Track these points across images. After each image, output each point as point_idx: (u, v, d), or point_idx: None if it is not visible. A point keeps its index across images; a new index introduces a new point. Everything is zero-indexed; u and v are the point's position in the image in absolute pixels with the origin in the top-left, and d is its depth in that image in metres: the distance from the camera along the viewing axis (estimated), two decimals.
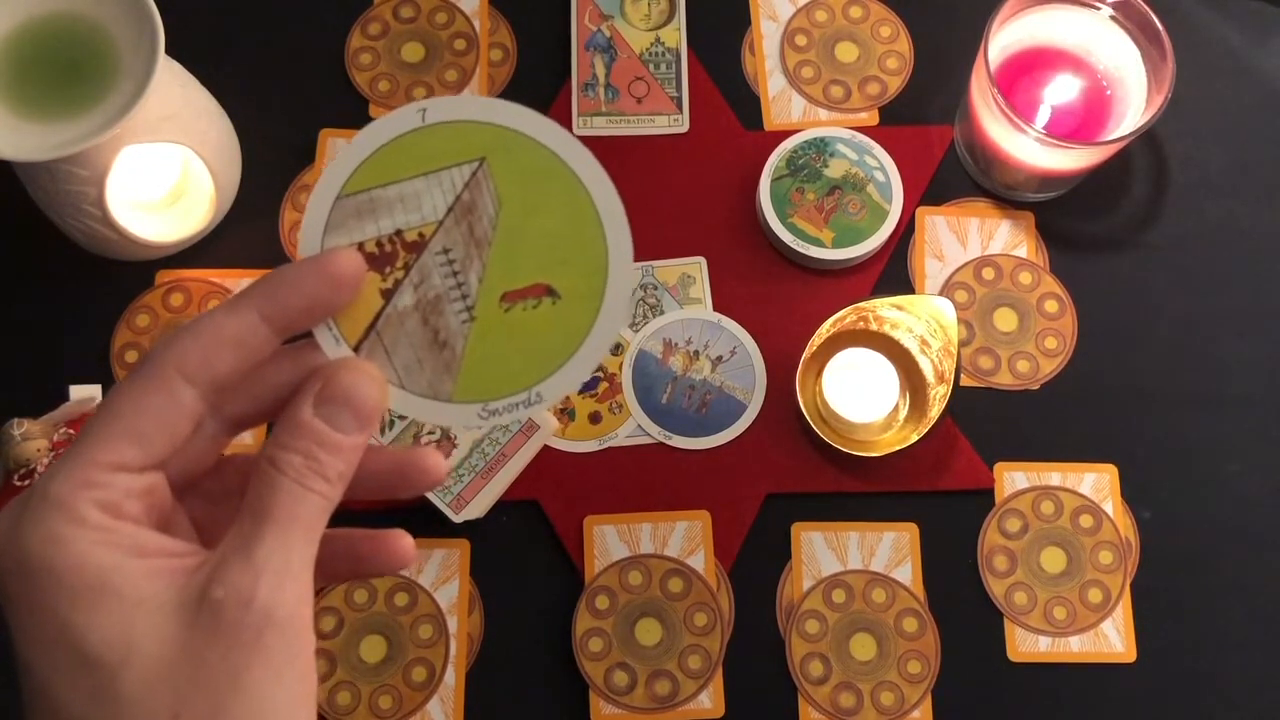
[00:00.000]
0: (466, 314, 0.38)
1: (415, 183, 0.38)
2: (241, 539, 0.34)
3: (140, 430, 0.34)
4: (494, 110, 0.38)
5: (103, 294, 0.72)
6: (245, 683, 0.32)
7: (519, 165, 0.38)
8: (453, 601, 0.67)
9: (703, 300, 0.72)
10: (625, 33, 0.77)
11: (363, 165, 0.38)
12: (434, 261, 0.38)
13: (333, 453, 0.35)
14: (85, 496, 0.33)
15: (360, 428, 0.36)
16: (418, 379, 0.38)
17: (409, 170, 0.38)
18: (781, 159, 0.73)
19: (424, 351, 0.38)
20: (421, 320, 0.38)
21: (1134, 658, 0.67)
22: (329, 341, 0.38)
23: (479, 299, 0.38)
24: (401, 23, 0.77)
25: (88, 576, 0.33)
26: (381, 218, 0.38)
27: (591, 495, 0.69)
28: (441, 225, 0.38)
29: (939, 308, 0.68)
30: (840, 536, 0.69)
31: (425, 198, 0.38)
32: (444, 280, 0.38)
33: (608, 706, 0.65)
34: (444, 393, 0.38)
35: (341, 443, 0.35)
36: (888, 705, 0.66)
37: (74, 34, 0.63)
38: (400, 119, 0.38)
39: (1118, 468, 0.70)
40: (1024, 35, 0.71)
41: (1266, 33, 0.79)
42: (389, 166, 0.38)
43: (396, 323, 0.38)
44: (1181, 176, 0.76)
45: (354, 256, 0.37)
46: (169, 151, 0.69)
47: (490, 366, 0.38)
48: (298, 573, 0.34)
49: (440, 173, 0.38)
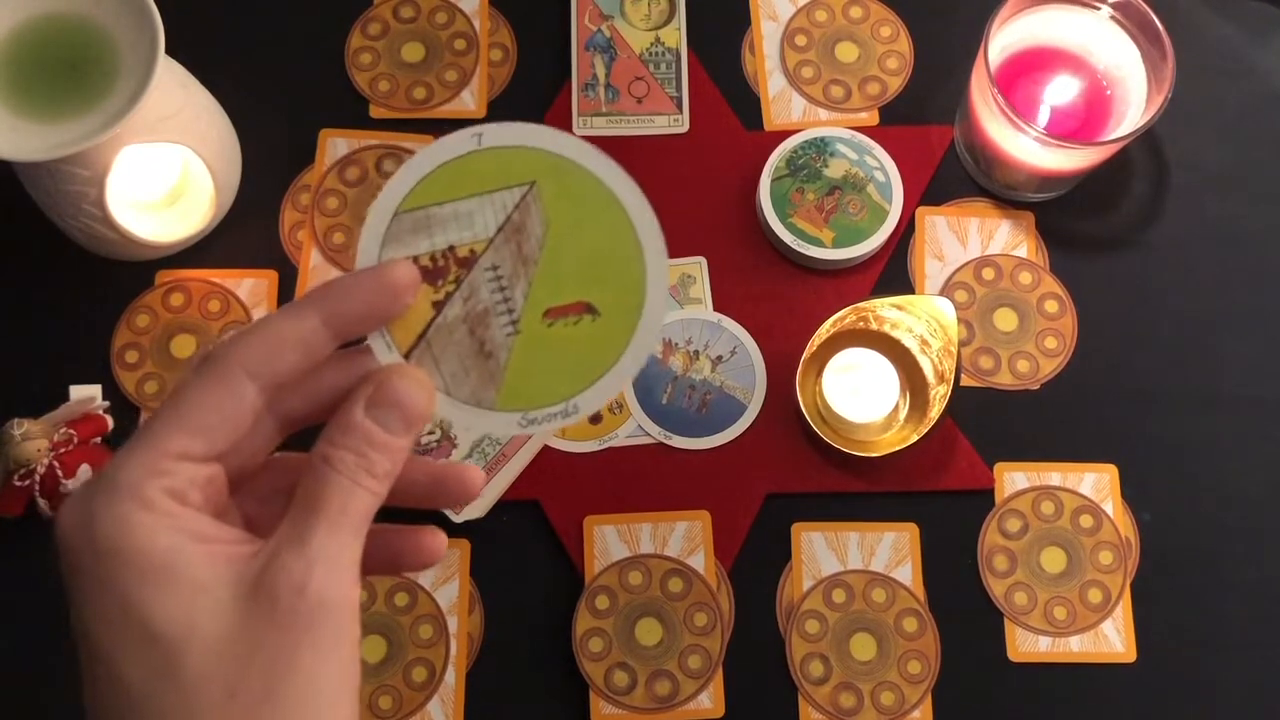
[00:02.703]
0: (511, 327, 0.40)
1: (469, 202, 0.40)
2: (295, 530, 0.36)
3: (206, 423, 0.36)
4: (544, 137, 0.41)
5: (103, 294, 0.72)
6: (297, 665, 0.34)
7: (566, 189, 0.40)
8: (453, 601, 0.67)
9: (703, 300, 0.72)
10: (625, 33, 0.77)
11: (420, 183, 0.40)
12: (483, 277, 0.40)
13: (382, 452, 0.37)
14: (154, 483, 0.35)
15: (408, 429, 0.38)
16: (463, 387, 0.40)
17: (463, 190, 0.40)
18: (781, 159, 0.73)
19: (470, 361, 0.40)
20: (469, 331, 0.40)
21: (1134, 658, 0.67)
22: (382, 348, 0.40)
23: (524, 314, 0.40)
24: (401, 23, 0.77)
25: (155, 558, 0.34)
26: (436, 234, 0.40)
27: (591, 495, 0.69)
28: (492, 243, 0.40)
29: (939, 308, 0.68)
30: (840, 536, 0.69)
31: (477, 217, 0.40)
32: (491, 295, 0.40)
33: (608, 706, 0.65)
34: (487, 401, 0.40)
35: (390, 443, 0.37)
36: (888, 705, 0.66)
37: (74, 34, 0.63)
38: (457, 142, 0.40)
39: (1118, 468, 0.70)
40: (1024, 35, 0.71)
41: (1266, 33, 0.79)
42: (445, 186, 0.40)
43: (445, 333, 0.40)
44: (1181, 176, 0.76)
45: (410, 268, 0.39)
46: (169, 151, 0.69)
47: (531, 378, 0.40)
48: (348, 563, 0.36)
49: (492, 194, 0.40)
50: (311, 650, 0.35)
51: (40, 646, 0.66)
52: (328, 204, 0.74)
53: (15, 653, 0.67)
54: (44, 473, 0.65)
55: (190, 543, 0.35)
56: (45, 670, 0.64)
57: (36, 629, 0.66)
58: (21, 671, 0.66)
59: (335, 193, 0.74)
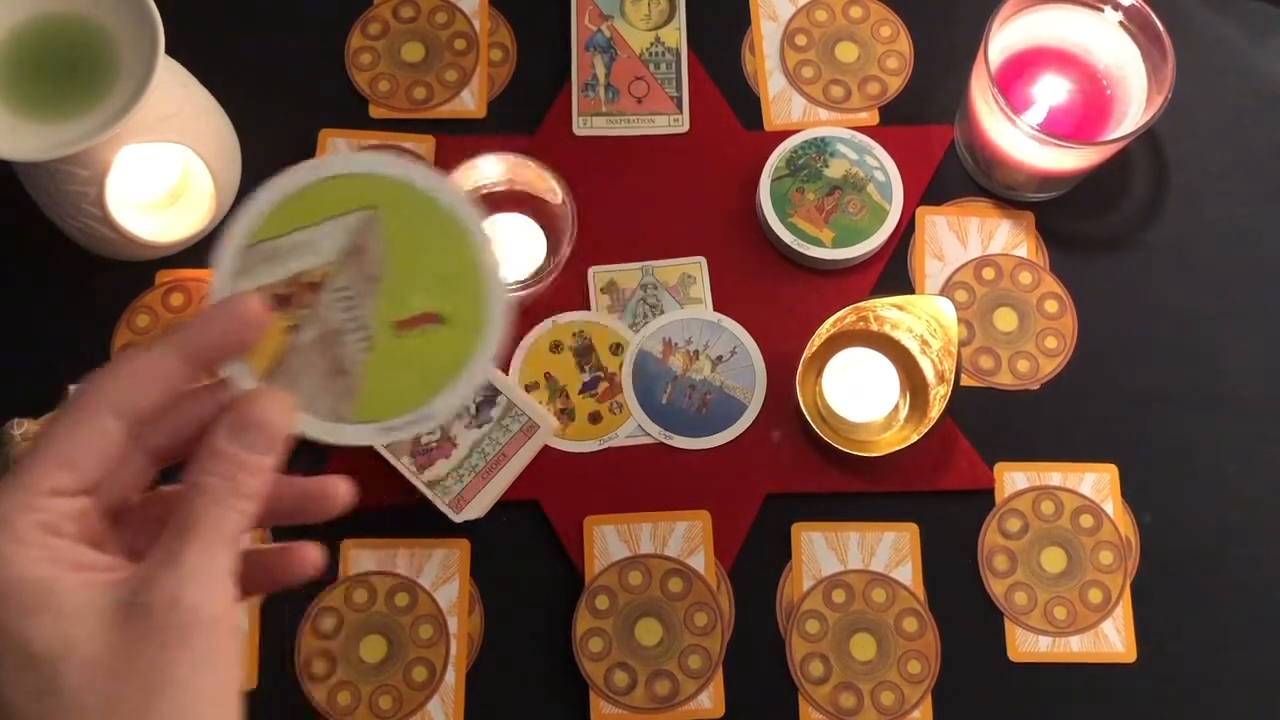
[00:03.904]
0: (365, 344, 0.43)
1: (312, 230, 0.43)
2: (168, 551, 0.38)
3: (73, 458, 0.39)
4: (381, 163, 0.44)
5: (103, 294, 0.72)
6: (173, 677, 0.36)
7: (405, 211, 0.43)
8: (453, 601, 0.67)
9: (703, 300, 0.72)
10: (625, 33, 0.77)
11: (267, 216, 0.43)
12: (332, 299, 0.43)
13: (247, 473, 0.39)
14: (26, 519, 0.38)
15: (270, 448, 0.40)
16: (321, 404, 0.42)
17: (307, 220, 0.43)
18: (781, 159, 0.73)
19: (325, 380, 0.42)
20: (322, 352, 0.43)
21: (1134, 658, 0.67)
22: (241, 376, 0.42)
23: (375, 330, 0.43)
24: (401, 23, 0.77)
25: (30, 587, 0.37)
26: (283, 263, 0.43)
27: (591, 495, 0.69)
28: (337, 266, 0.43)
29: (939, 308, 0.68)
30: (840, 536, 0.69)
31: (322, 243, 0.43)
32: (341, 315, 0.43)
33: (608, 706, 0.65)
34: (346, 415, 0.42)
35: (255, 463, 0.40)
36: (888, 705, 0.66)
37: (74, 34, 0.63)
38: (297, 174, 0.43)
39: (1118, 468, 0.70)
40: (1024, 35, 0.71)
41: (1266, 33, 0.79)
42: (289, 217, 0.43)
43: (300, 356, 0.42)
44: (1181, 176, 0.76)
45: (258, 299, 0.41)
46: (169, 151, 0.69)
47: (388, 389, 0.43)
48: (220, 579, 0.38)
49: (334, 220, 0.43)
50: (189, 663, 0.37)
51: None
52: None
53: None
54: None
55: (66, 571, 0.37)
56: None
57: None
58: None
59: None
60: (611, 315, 0.72)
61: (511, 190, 0.72)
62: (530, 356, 0.71)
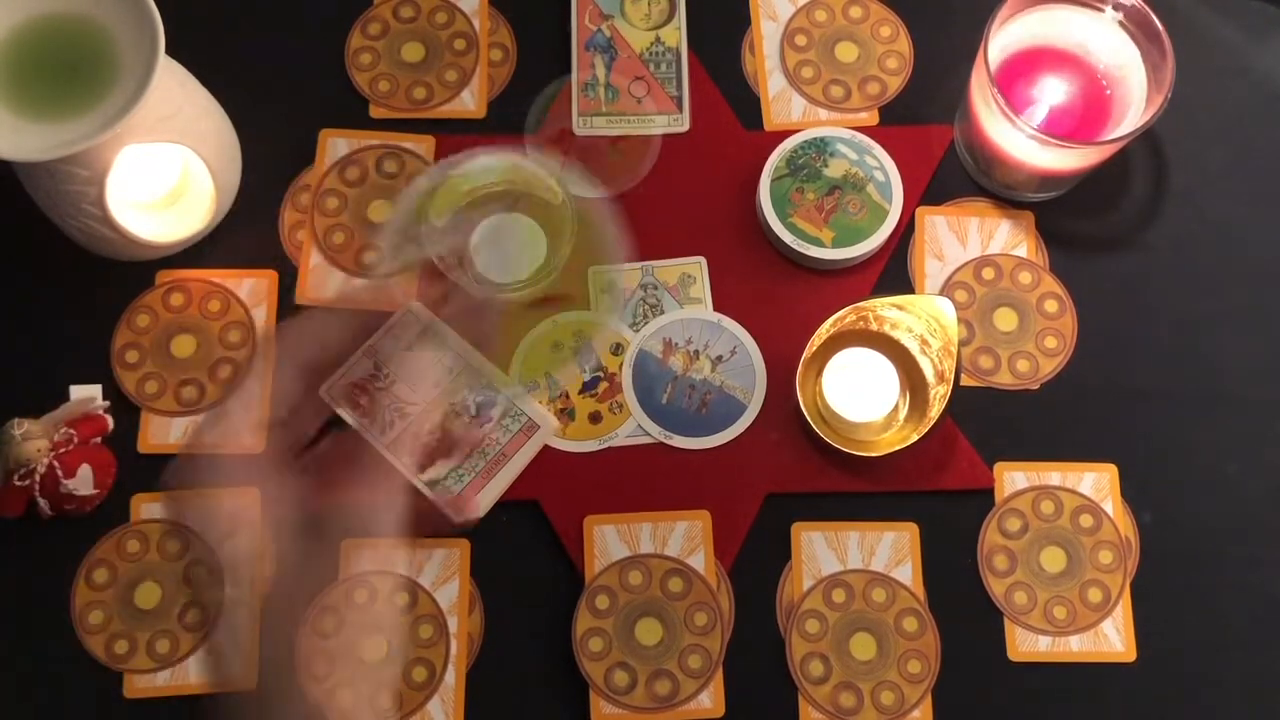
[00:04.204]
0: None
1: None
2: None
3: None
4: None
5: (103, 294, 0.72)
6: None
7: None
8: (453, 601, 0.67)
9: (703, 300, 0.72)
10: (625, 32, 0.77)
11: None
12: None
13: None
14: None
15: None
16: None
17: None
18: (781, 159, 0.73)
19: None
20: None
21: (1134, 658, 0.67)
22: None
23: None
24: (401, 23, 0.77)
25: None
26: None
27: (591, 495, 0.69)
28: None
29: (939, 307, 0.68)
30: (840, 536, 0.69)
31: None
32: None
33: (608, 706, 0.65)
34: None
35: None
36: (888, 705, 0.66)
37: (74, 34, 0.63)
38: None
39: (1118, 468, 0.70)
40: (1024, 35, 0.71)
41: (1266, 33, 0.79)
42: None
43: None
44: (1181, 176, 0.76)
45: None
46: (169, 151, 0.69)
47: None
48: None
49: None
50: None
51: (39, 646, 0.66)
52: (328, 204, 0.74)
53: (15, 652, 0.67)
54: (44, 473, 0.65)
55: None
56: (45, 669, 0.64)
57: (36, 628, 0.66)
58: (21, 671, 0.66)
59: (335, 193, 0.74)
60: (612, 315, 0.72)
61: (511, 190, 0.72)
62: (530, 356, 0.71)
